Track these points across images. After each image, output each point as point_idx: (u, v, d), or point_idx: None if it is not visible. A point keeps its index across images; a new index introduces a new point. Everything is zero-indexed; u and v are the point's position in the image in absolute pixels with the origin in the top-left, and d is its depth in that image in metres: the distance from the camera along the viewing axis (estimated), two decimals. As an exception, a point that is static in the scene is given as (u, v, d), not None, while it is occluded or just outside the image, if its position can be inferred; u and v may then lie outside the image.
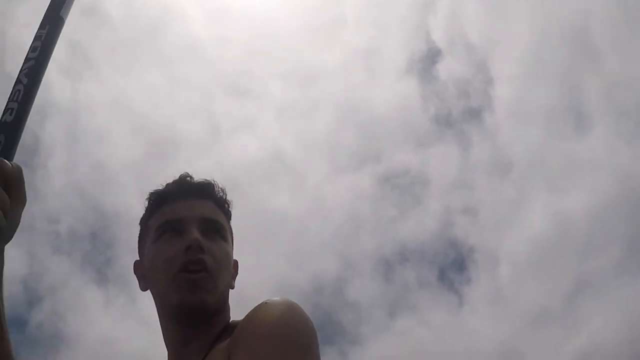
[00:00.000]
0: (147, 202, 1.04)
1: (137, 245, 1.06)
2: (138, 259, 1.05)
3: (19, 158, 0.80)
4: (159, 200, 1.02)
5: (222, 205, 1.03)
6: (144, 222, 1.04)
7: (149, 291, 1.00)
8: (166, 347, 0.98)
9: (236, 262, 1.05)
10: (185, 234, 0.95)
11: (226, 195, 1.04)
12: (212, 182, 1.03)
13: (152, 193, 1.03)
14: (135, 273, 1.03)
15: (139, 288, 1.03)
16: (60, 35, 0.95)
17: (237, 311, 0.96)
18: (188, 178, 1.03)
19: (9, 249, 0.77)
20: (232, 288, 1.01)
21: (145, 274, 1.00)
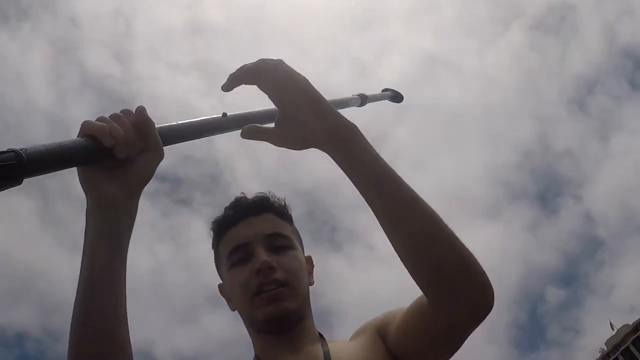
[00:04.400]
0: (211, 231, 1.09)
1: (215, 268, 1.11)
2: (221, 282, 1.11)
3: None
4: (222, 228, 1.06)
5: (282, 213, 1.07)
6: (215, 247, 1.09)
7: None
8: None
9: (309, 258, 1.11)
10: (254, 256, 0.99)
11: (284, 201, 1.08)
12: (267, 194, 1.07)
13: (213, 222, 1.08)
14: (222, 295, 1.10)
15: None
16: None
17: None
18: (243, 198, 1.07)
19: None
20: (312, 284, 1.07)
21: (230, 297, 1.06)
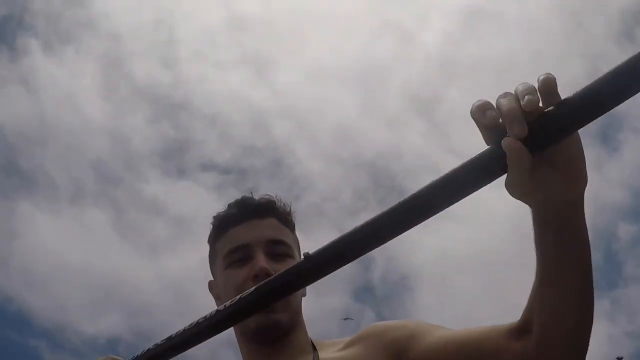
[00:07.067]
0: (211, 226, 1.06)
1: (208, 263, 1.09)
2: (212, 279, 1.08)
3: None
4: (223, 224, 1.04)
5: (286, 220, 1.05)
6: (212, 243, 1.07)
7: None
8: None
9: None
10: (252, 259, 0.98)
11: (289, 207, 1.06)
12: (273, 198, 1.06)
13: (215, 217, 1.06)
14: (211, 292, 1.07)
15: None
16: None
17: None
18: (249, 198, 1.06)
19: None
20: (304, 295, 1.05)
21: (220, 296, 1.03)
